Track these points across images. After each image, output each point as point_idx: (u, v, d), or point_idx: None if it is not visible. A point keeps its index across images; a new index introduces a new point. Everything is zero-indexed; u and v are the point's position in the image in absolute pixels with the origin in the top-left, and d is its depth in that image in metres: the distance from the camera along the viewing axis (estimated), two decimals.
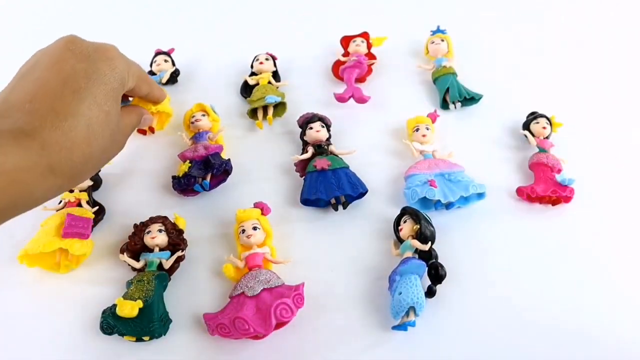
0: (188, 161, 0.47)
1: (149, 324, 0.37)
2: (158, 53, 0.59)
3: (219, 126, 0.52)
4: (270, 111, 0.54)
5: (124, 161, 0.50)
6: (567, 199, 0.45)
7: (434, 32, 0.61)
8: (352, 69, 0.56)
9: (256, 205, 0.44)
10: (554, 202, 0.45)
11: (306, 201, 0.46)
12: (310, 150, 0.48)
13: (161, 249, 0.42)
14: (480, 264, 0.42)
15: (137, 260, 0.41)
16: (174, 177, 0.47)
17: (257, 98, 0.54)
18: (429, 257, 0.40)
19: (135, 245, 0.42)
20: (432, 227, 0.41)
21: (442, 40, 0.59)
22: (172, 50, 0.60)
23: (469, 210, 0.46)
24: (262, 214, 0.43)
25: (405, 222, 0.42)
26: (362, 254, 0.43)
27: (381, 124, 0.54)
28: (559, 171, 0.46)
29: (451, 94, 0.54)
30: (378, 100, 0.56)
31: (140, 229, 0.42)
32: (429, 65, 0.59)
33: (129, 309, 0.36)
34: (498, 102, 0.55)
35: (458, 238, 0.43)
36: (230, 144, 0.52)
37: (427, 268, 0.39)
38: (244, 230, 0.41)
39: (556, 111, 0.52)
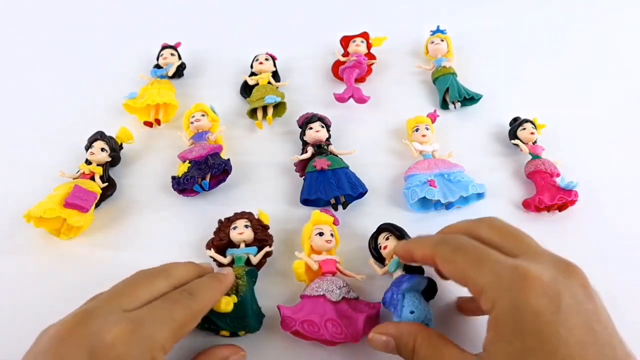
0: (187, 161, 0.47)
1: (244, 319, 0.36)
2: (165, 47, 0.60)
3: (218, 126, 0.52)
4: (270, 111, 0.54)
5: (123, 161, 0.50)
6: (573, 202, 0.45)
7: (433, 32, 0.61)
8: (352, 69, 0.56)
9: (327, 212, 0.43)
10: (561, 208, 0.45)
11: (306, 201, 0.46)
12: (310, 150, 0.48)
13: (247, 245, 0.42)
14: None
15: (222, 255, 0.41)
16: (173, 178, 0.47)
17: (257, 98, 0.54)
18: (420, 269, 0.38)
19: (220, 241, 0.42)
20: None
21: (442, 40, 0.59)
22: (179, 44, 0.61)
23: (469, 210, 0.46)
24: (334, 223, 0.42)
25: (387, 239, 0.40)
26: (361, 254, 0.43)
27: (381, 124, 0.54)
28: (558, 175, 0.46)
29: (451, 94, 0.54)
30: (378, 100, 0.56)
31: (226, 224, 0.42)
32: (428, 65, 0.59)
33: (225, 304, 0.36)
34: (498, 102, 0.55)
35: None
36: (230, 144, 0.52)
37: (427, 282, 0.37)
38: (321, 234, 0.40)
39: (556, 110, 0.52)
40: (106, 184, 0.47)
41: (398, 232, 0.40)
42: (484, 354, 0.28)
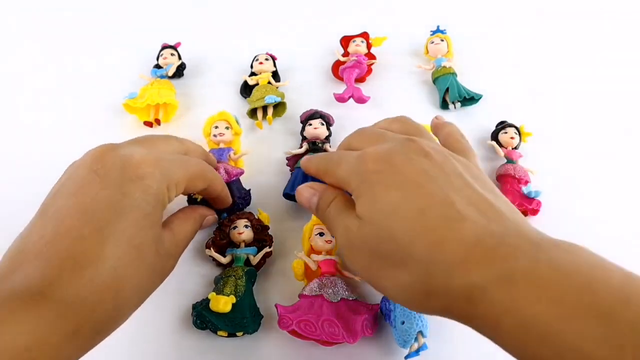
0: None
1: (242, 319, 0.36)
2: (165, 47, 0.60)
3: (239, 140, 0.50)
4: (270, 111, 0.54)
5: None
6: (534, 212, 0.44)
7: (433, 32, 0.61)
8: (351, 69, 0.56)
9: None
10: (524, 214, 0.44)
11: (287, 195, 0.45)
12: (305, 146, 0.48)
13: (246, 245, 0.42)
14: None
15: (221, 255, 0.41)
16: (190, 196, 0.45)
17: (257, 98, 0.54)
18: None
19: (221, 241, 0.42)
20: None
21: (442, 40, 0.59)
22: (179, 44, 0.61)
23: None
24: None
25: None
26: None
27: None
28: (526, 183, 0.45)
29: (451, 94, 0.54)
30: (378, 100, 0.56)
31: (226, 224, 0.42)
32: (428, 65, 0.59)
33: (223, 304, 0.36)
34: (498, 102, 0.55)
35: None
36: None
37: None
38: (322, 234, 0.40)
39: (554, 111, 0.52)
40: None
41: None
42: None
